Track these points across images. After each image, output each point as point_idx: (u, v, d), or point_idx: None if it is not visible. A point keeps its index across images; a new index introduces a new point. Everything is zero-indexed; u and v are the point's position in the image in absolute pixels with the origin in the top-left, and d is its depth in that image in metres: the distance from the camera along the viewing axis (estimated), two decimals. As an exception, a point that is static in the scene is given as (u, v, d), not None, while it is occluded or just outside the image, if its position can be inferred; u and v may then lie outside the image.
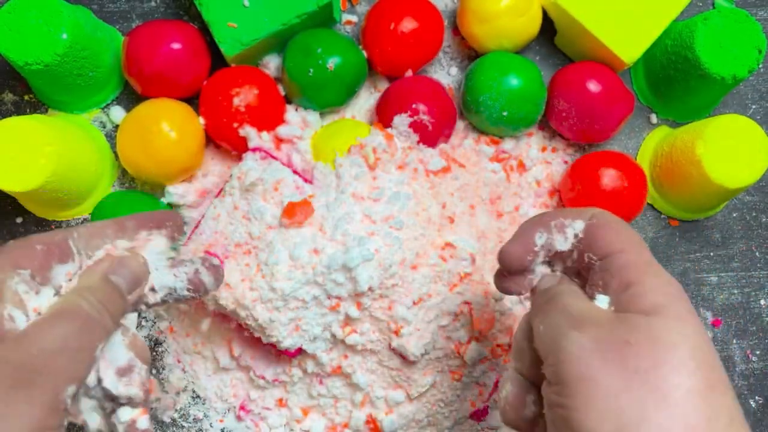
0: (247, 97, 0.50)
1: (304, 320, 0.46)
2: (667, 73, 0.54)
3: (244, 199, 0.47)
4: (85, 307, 0.32)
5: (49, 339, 0.31)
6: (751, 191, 0.58)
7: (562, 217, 0.34)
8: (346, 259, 0.44)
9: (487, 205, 0.51)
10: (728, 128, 0.50)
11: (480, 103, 0.51)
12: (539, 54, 0.58)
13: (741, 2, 0.59)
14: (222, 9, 0.50)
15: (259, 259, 0.45)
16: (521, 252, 0.35)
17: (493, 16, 0.51)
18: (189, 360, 0.53)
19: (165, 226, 0.38)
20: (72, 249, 0.34)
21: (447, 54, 0.57)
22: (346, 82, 0.51)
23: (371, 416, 0.50)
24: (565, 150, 0.56)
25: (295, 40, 0.51)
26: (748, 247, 0.57)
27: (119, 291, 0.35)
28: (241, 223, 0.47)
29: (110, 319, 0.33)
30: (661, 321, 0.28)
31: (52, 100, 0.54)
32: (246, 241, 0.46)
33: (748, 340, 0.56)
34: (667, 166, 0.53)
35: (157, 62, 0.50)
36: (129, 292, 0.35)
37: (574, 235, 0.33)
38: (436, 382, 0.49)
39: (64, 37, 0.47)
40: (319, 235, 0.46)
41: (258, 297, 0.45)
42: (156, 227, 0.38)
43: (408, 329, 0.46)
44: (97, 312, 0.33)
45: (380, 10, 0.52)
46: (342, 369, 0.49)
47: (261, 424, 0.52)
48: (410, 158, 0.49)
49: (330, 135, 0.51)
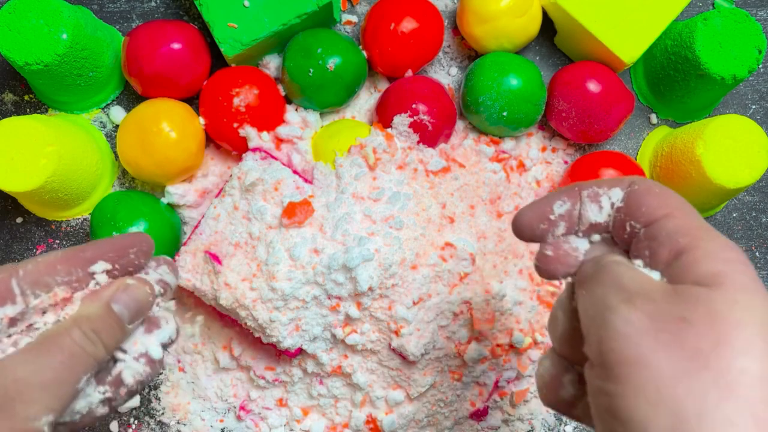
0: (247, 97, 0.50)
1: (304, 320, 0.46)
2: (667, 73, 0.54)
3: (244, 199, 0.47)
4: (74, 339, 0.31)
5: (26, 370, 0.30)
6: (751, 191, 0.58)
7: (596, 186, 0.30)
8: (346, 259, 0.44)
9: (487, 205, 0.51)
10: (728, 128, 0.50)
11: (480, 104, 0.51)
12: (539, 54, 0.58)
13: (741, 2, 0.59)
14: (222, 9, 0.50)
15: (259, 259, 0.45)
16: (534, 218, 0.31)
17: (493, 17, 0.51)
18: (189, 360, 0.53)
19: (126, 254, 0.34)
20: (14, 290, 0.32)
21: (447, 54, 0.57)
22: (346, 82, 0.51)
23: (371, 416, 0.50)
24: (565, 150, 0.56)
25: (295, 40, 0.51)
26: (748, 247, 0.57)
27: (120, 321, 0.33)
28: (241, 223, 0.47)
29: (104, 349, 0.32)
30: (722, 293, 0.24)
31: (52, 100, 0.54)
32: (246, 241, 0.46)
33: (748, 340, 0.56)
34: (667, 166, 0.53)
35: (158, 62, 0.50)
36: (131, 322, 0.33)
37: (611, 205, 0.30)
38: (436, 382, 0.49)
39: (64, 38, 0.47)
40: (319, 235, 0.46)
41: (258, 297, 0.45)
42: (117, 256, 0.34)
43: (408, 329, 0.46)
44: (90, 343, 0.31)
45: (380, 10, 0.52)
46: (342, 369, 0.49)
47: (261, 424, 0.52)
48: (410, 158, 0.49)
49: (330, 135, 0.51)
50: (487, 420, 0.52)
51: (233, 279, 0.45)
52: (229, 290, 0.45)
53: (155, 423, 0.53)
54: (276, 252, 0.45)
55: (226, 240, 0.46)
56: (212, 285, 0.46)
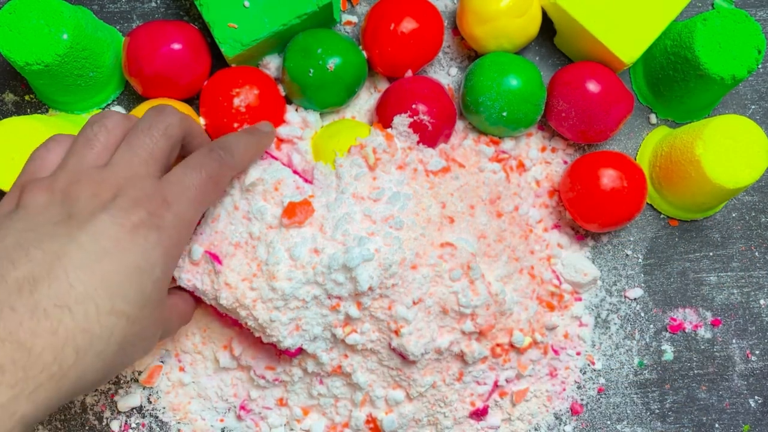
0: (248, 98, 0.50)
1: (304, 320, 0.46)
2: (666, 73, 0.54)
3: (244, 199, 0.47)
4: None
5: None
6: (750, 191, 0.58)
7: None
8: (346, 259, 0.44)
9: (487, 205, 0.51)
10: (727, 128, 0.50)
11: (480, 104, 0.51)
12: (539, 54, 0.58)
13: (740, 2, 0.59)
14: (222, 9, 0.50)
15: (259, 258, 0.45)
16: None
17: (492, 17, 0.51)
18: (189, 360, 0.53)
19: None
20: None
21: (447, 54, 0.57)
22: (346, 83, 0.52)
23: (371, 416, 0.50)
24: (565, 150, 0.56)
25: (295, 40, 0.51)
26: (747, 247, 0.57)
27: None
28: (241, 223, 0.47)
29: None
30: None
31: (52, 100, 0.54)
32: (246, 241, 0.46)
33: (747, 339, 0.56)
34: (667, 166, 0.54)
35: (158, 63, 0.50)
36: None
37: None
38: (436, 382, 0.49)
39: (64, 38, 0.47)
40: (319, 234, 0.46)
41: (258, 296, 0.45)
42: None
43: (408, 329, 0.46)
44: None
45: (380, 10, 0.52)
46: (342, 368, 0.49)
47: (261, 424, 0.53)
48: (410, 158, 0.50)
49: (330, 135, 0.51)
50: (487, 420, 0.52)
51: (233, 279, 0.45)
52: (229, 290, 0.45)
53: (155, 422, 0.53)
54: (276, 252, 0.45)
55: (226, 240, 0.46)
56: (212, 285, 0.46)
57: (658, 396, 0.55)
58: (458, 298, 0.47)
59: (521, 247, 0.52)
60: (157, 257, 0.36)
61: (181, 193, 0.38)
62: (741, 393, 0.56)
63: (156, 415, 0.53)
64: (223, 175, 0.42)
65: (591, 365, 0.55)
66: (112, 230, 0.34)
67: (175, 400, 0.53)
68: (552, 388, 0.54)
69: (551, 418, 0.55)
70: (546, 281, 0.53)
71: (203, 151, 0.42)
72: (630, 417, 0.55)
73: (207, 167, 0.41)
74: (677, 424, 0.55)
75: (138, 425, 0.54)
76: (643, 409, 0.55)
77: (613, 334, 0.56)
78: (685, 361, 0.56)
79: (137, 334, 0.35)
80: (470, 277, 0.47)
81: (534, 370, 0.53)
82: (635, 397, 0.55)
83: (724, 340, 0.56)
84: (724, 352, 0.56)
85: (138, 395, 0.53)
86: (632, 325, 0.56)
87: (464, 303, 0.47)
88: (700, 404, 0.55)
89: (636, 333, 0.56)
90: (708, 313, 0.56)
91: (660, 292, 0.56)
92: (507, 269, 0.50)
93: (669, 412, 0.55)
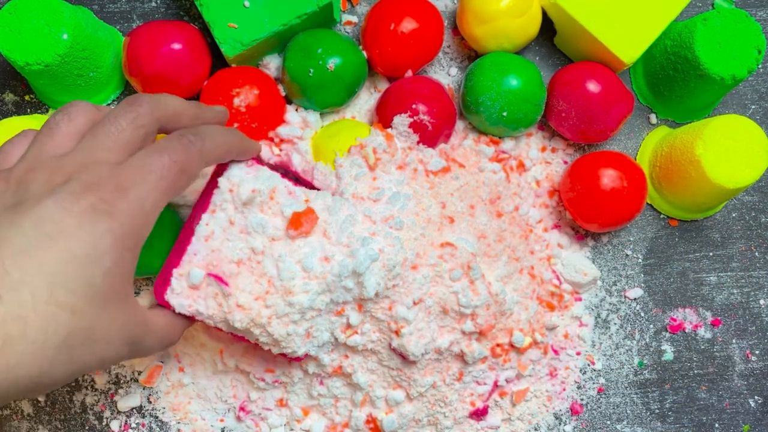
0: (248, 98, 0.50)
1: (314, 327, 0.45)
2: (666, 73, 0.54)
3: (239, 212, 0.44)
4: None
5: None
6: (750, 191, 0.58)
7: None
8: (355, 265, 0.43)
9: (487, 205, 0.51)
10: (727, 128, 0.50)
11: (480, 104, 0.51)
12: (539, 54, 0.58)
13: (740, 2, 0.59)
14: (222, 9, 0.50)
15: (268, 274, 0.43)
16: None
17: (492, 17, 0.51)
18: (189, 360, 0.53)
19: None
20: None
21: (447, 54, 0.57)
22: (347, 83, 0.52)
23: (371, 416, 0.50)
24: (565, 150, 0.56)
25: (295, 40, 0.51)
26: (747, 247, 0.57)
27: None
28: (240, 238, 0.44)
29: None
30: None
31: (52, 100, 0.54)
32: (249, 257, 0.44)
33: (747, 339, 0.56)
34: (667, 166, 0.54)
35: (158, 63, 0.50)
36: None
37: None
38: (436, 382, 0.49)
39: (64, 38, 0.47)
40: (325, 241, 0.45)
41: (273, 313, 0.43)
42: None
43: (408, 329, 0.46)
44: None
45: (380, 10, 0.52)
46: (342, 369, 0.49)
47: (261, 424, 0.53)
48: (410, 158, 0.50)
49: (330, 135, 0.51)
50: (487, 420, 0.53)
51: (245, 299, 0.43)
52: (243, 311, 0.43)
53: (155, 422, 0.54)
54: (288, 266, 0.43)
55: (226, 258, 0.43)
56: (221, 308, 0.43)
57: (658, 396, 0.55)
58: (458, 298, 0.47)
59: (521, 247, 0.52)
60: (106, 246, 0.33)
61: (140, 178, 0.35)
62: (741, 393, 0.56)
63: (156, 415, 0.53)
64: (191, 161, 0.38)
65: (591, 365, 0.55)
66: (57, 215, 0.32)
67: (175, 400, 0.53)
68: (552, 388, 0.54)
69: (551, 418, 0.55)
70: (546, 281, 0.53)
71: (172, 135, 0.39)
72: (630, 417, 0.55)
73: (172, 151, 0.37)
74: (677, 424, 0.55)
75: (138, 425, 0.54)
76: (643, 409, 0.55)
77: (613, 334, 0.56)
78: (685, 361, 0.56)
79: (86, 330, 0.33)
80: (470, 277, 0.47)
81: (534, 370, 0.53)
82: (635, 397, 0.55)
83: (724, 340, 0.56)
84: (724, 352, 0.56)
85: (138, 395, 0.53)
86: (632, 325, 0.56)
87: (464, 303, 0.47)
88: (700, 404, 0.55)
89: (636, 333, 0.56)
90: (708, 313, 0.56)
91: (660, 292, 0.56)
92: (507, 269, 0.50)
93: (669, 412, 0.55)
